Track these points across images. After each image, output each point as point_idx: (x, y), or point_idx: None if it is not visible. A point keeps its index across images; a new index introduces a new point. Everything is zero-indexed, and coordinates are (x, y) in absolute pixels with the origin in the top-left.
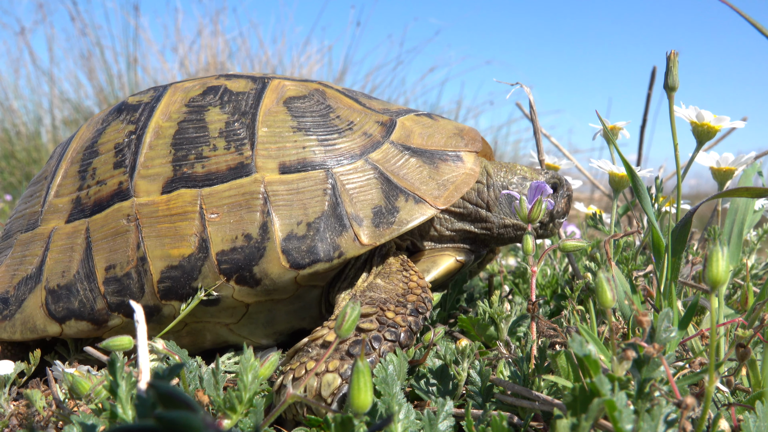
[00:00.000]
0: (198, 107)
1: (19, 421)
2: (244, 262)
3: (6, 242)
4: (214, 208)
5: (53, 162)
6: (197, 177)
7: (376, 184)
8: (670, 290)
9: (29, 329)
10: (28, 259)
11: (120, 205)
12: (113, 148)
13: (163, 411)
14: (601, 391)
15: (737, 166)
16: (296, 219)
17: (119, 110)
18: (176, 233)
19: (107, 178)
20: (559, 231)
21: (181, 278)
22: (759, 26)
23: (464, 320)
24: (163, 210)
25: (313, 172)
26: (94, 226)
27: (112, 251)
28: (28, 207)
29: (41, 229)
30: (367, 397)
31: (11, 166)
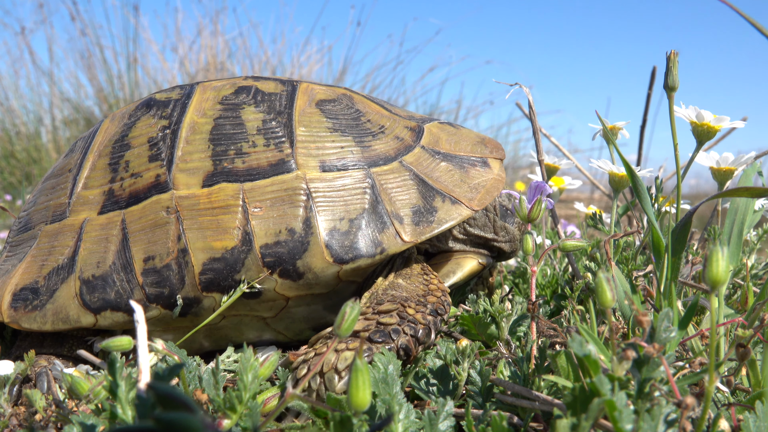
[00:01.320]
0: (233, 105)
1: (18, 421)
2: (287, 255)
3: (27, 233)
4: (257, 203)
5: (77, 155)
6: (238, 172)
7: (412, 185)
8: (670, 290)
9: (61, 320)
10: (58, 250)
11: (158, 197)
12: (147, 141)
13: (162, 412)
14: (601, 391)
15: (737, 166)
16: (338, 215)
17: (148, 106)
18: (218, 226)
19: (142, 171)
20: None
21: (224, 270)
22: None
23: (466, 318)
24: (204, 203)
25: (352, 172)
26: (130, 217)
27: (150, 243)
28: (52, 199)
29: (71, 220)
30: (366, 395)
31: (11, 166)
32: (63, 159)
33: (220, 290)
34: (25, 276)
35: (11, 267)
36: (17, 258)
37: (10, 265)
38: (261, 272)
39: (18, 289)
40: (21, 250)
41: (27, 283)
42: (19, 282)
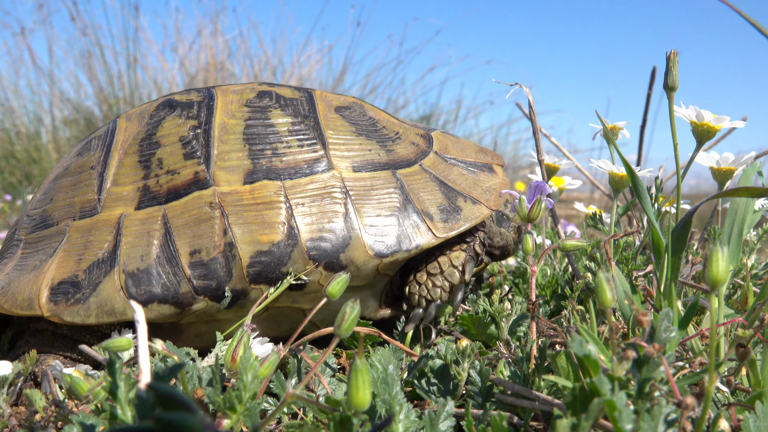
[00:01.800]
0: (260, 108)
1: (18, 421)
2: (332, 249)
3: (49, 230)
4: (299, 199)
5: (97, 153)
6: (277, 170)
7: (434, 186)
8: (670, 290)
9: (106, 312)
10: (95, 244)
11: (200, 194)
12: (178, 140)
13: (162, 412)
14: (601, 391)
15: (737, 166)
16: (375, 212)
17: (170, 106)
18: (263, 221)
19: (179, 168)
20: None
21: (271, 263)
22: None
23: (465, 318)
24: (247, 199)
25: (381, 172)
26: (172, 212)
27: (195, 237)
28: (76, 196)
29: (104, 215)
30: (365, 395)
31: (11, 166)
32: (77, 157)
33: (267, 282)
34: (61, 270)
35: (39, 262)
36: (44, 253)
37: (37, 261)
38: (307, 265)
39: (55, 284)
40: (45, 246)
41: (65, 277)
42: (55, 276)
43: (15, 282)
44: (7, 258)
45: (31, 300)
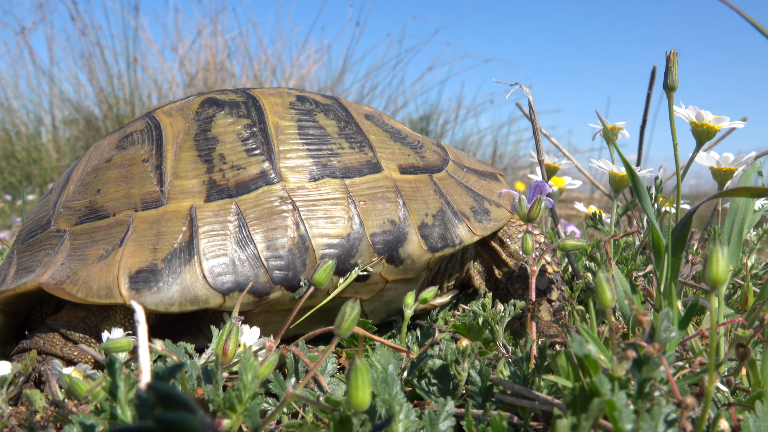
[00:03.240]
0: (305, 111)
1: (18, 421)
2: (392, 243)
3: (106, 221)
4: (360, 197)
5: (146, 146)
6: (336, 169)
7: (462, 190)
8: (670, 290)
9: (189, 300)
10: (169, 235)
11: (269, 188)
12: (236, 137)
13: (162, 412)
14: (601, 390)
15: (737, 166)
16: (423, 211)
17: (216, 104)
18: (331, 216)
19: (243, 164)
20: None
21: (341, 255)
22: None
23: (458, 327)
24: (314, 195)
25: (422, 176)
26: (243, 205)
27: (269, 229)
28: (134, 187)
29: (172, 207)
30: (365, 395)
31: (11, 166)
32: (118, 150)
33: (337, 273)
34: (136, 259)
35: (105, 252)
36: (107, 243)
37: (102, 251)
38: (373, 257)
39: (133, 272)
40: (106, 236)
41: (143, 266)
42: (131, 265)
43: (82, 272)
44: (47, 249)
45: (109, 288)
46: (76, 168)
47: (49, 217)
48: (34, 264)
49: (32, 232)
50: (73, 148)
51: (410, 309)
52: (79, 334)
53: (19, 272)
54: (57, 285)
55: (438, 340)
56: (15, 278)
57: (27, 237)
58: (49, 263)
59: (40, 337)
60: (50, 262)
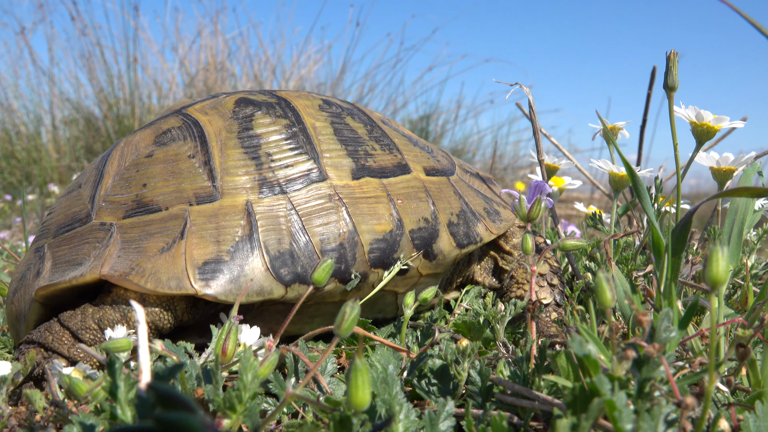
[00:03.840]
0: (334, 113)
1: (18, 421)
2: (427, 239)
3: (158, 214)
4: (398, 196)
5: (189, 143)
6: (373, 169)
7: (474, 193)
8: (670, 290)
9: (255, 292)
10: (229, 228)
11: (317, 185)
12: (280, 137)
13: (162, 412)
14: (601, 390)
15: (737, 166)
16: (449, 210)
17: (252, 104)
18: (375, 213)
19: (290, 162)
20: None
21: (386, 249)
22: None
23: (460, 325)
24: (358, 193)
25: (442, 178)
26: (296, 201)
27: (322, 224)
28: (184, 182)
29: (228, 201)
30: (365, 395)
31: (11, 166)
32: (158, 146)
33: (382, 266)
34: (201, 251)
35: (165, 245)
36: (165, 236)
37: (162, 243)
38: (412, 252)
39: (200, 264)
40: (161, 229)
41: (209, 258)
42: (197, 257)
43: (146, 263)
44: (92, 243)
45: (179, 279)
46: (110, 162)
47: (88, 211)
48: (80, 257)
49: (67, 226)
50: (73, 148)
51: (410, 309)
52: (89, 336)
53: (60, 266)
54: (122, 276)
55: (438, 340)
56: (59, 271)
57: (60, 231)
58: (103, 256)
59: (49, 333)
60: (103, 255)
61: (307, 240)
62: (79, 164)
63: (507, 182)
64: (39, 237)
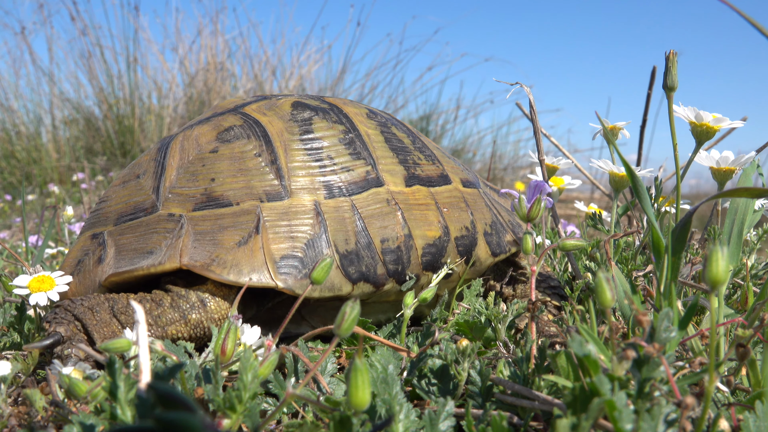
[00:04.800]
0: (381, 123)
1: (18, 421)
2: (469, 247)
3: (230, 208)
4: (443, 204)
5: (254, 142)
6: (421, 177)
7: (500, 205)
8: (670, 290)
9: (327, 288)
10: (301, 226)
11: (376, 190)
12: (338, 141)
13: (162, 412)
14: (601, 390)
15: (737, 166)
16: (483, 221)
17: (308, 108)
18: (426, 219)
19: (350, 166)
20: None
21: (436, 254)
22: (759, 26)
23: (461, 324)
24: (412, 199)
25: (474, 190)
26: (358, 204)
27: (382, 227)
28: (254, 179)
29: (297, 201)
30: (365, 395)
31: (11, 166)
32: (223, 143)
33: (432, 269)
34: (278, 246)
35: (241, 238)
36: (240, 230)
37: (237, 236)
38: (456, 258)
39: (278, 258)
40: (234, 223)
41: (285, 254)
42: (274, 252)
43: (225, 255)
44: (161, 233)
45: (260, 273)
46: (170, 155)
47: (153, 201)
48: (149, 246)
49: (130, 215)
50: (73, 148)
51: (410, 309)
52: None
53: (126, 253)
54: (204, 266)
55: (438, 340)
56: (126, 259)
57: (122, 219)
58: (177, 246)
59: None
60: (177, 245)
61: (369, 241)
62: (79, 164)
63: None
64: (93, 224)
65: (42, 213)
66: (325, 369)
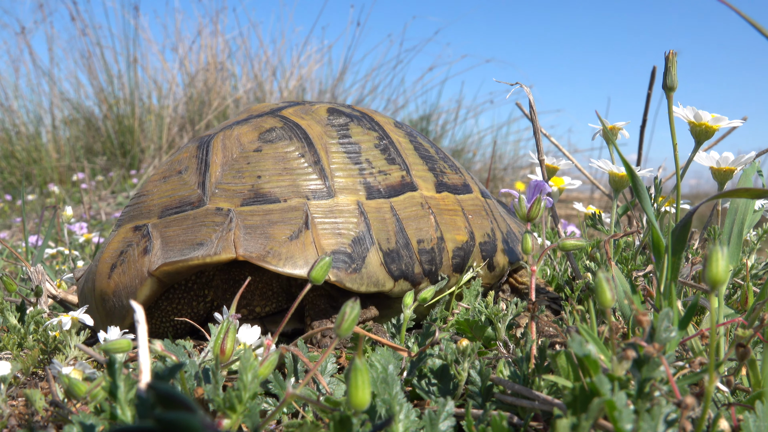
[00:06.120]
0: (408, 132)
1: (18, 421)
2: (490, 252)
3: (281, 204)
4: (468, 211)
5: (295, 143)
6: (448, 185)
7: (510, 216)
8: (670, 290)
9: (373, 283)
10: (347, 224)
11: (411, 194)
12: (374, 147)
13: (162, 412)
14: (601, 390)
15: (737, 166)
16: (500, 229)
17: (342, 114)
18: (455, 224)
19: (387, 170)
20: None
21: (464, 257)
22: (759, 26)
23: (461, 323)
24: (442, 205)
25: (490, 200)
26: (397, 206)
27: (418, 229)
28: (299, 179)
29: (341, 200)
30: (365, 395)
31: (11, 166)
32: (266, 143)
33: (459, 271)
34: (326, 242)
35: (292, 233)
36: (290, 225)
37: (288, 231)
38: (480, 262)
39: (329, 253)
40: (284, 218)
41: (335, 249)
42: (325, 246)
43: (279, 248)
44: (210, 226)
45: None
46: (213, 152)
47: (200, 195)
48: (198, 238)
49: (176, 208)
50: (73, 148)
51: (409, 309)
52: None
53: (174, 245)
54: (261, 258)
55: (438, 340)
56: (175, 250)
57: (167, 213)
58: (229, 238)
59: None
60: (229, 237)
61: (407, 241)
62: (79, 164)
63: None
64: (134, 217)
65: (42, 213)
66: (325, 369)
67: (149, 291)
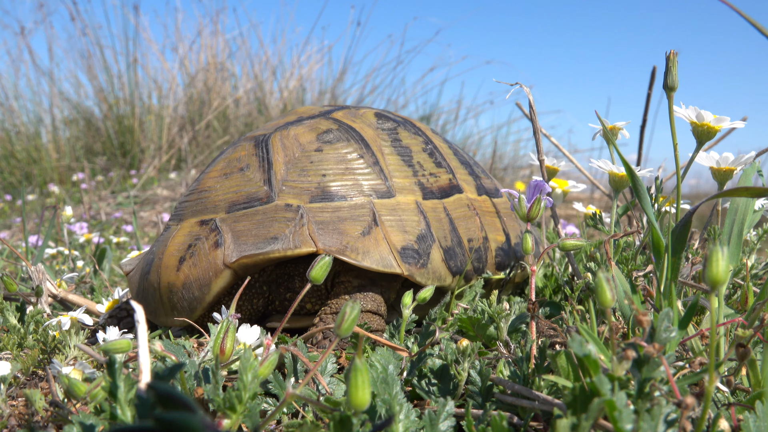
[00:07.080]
0: (444, 139)
1: (18, 421)
2: (520, 252)
3: (349, 202)
4: (503, 214)
5: (353, 145)
6: (486, 189)
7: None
8: (670, 290)
9: (437, 278)
10: (410, 221)
11: (459, 196)
12: (422, 150)
13: (162, 412)
14: (601, 390)
15: (737, 166)
16: (514, 232)
17: (390, 119)
18: (495, 225)
19: (436, 173)
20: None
21: (504, 256)
22: (759, 26)
23: (464, 320)
24: (483, 207)
25: (498, 199)
26: (449, 206)
27: (467, 228)
28: (362, 178)
29: (402, 199)
30: (365, 395)
31: (11, 166)
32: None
33: (500, 270)
34: (396, 238)
35: (363, 229)
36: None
37: (359, 227)
38: (517, 261)
39: (399, 248)
40: (353, 215)
41: (403, 245)
42: (395, 243)
43: (355, 243)
44: (281, 221)
45: (387, 260)
46: (273, 151)
47: (267, 192)
48: (272, 232)
49: (244, 204)
50: (73, 148)
51: (409, 309)
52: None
53: (246, 239)
54: (340, 252)
55: (438, 340)
56: (249, 244)
57: (235, 208)
58: (302, 233)
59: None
60: (302, 232)
61: (459, 239)
62: (79, 164)
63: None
64: (198, 212)
65: (42, 213)
66: (325, 369)
67: (224, 283)
